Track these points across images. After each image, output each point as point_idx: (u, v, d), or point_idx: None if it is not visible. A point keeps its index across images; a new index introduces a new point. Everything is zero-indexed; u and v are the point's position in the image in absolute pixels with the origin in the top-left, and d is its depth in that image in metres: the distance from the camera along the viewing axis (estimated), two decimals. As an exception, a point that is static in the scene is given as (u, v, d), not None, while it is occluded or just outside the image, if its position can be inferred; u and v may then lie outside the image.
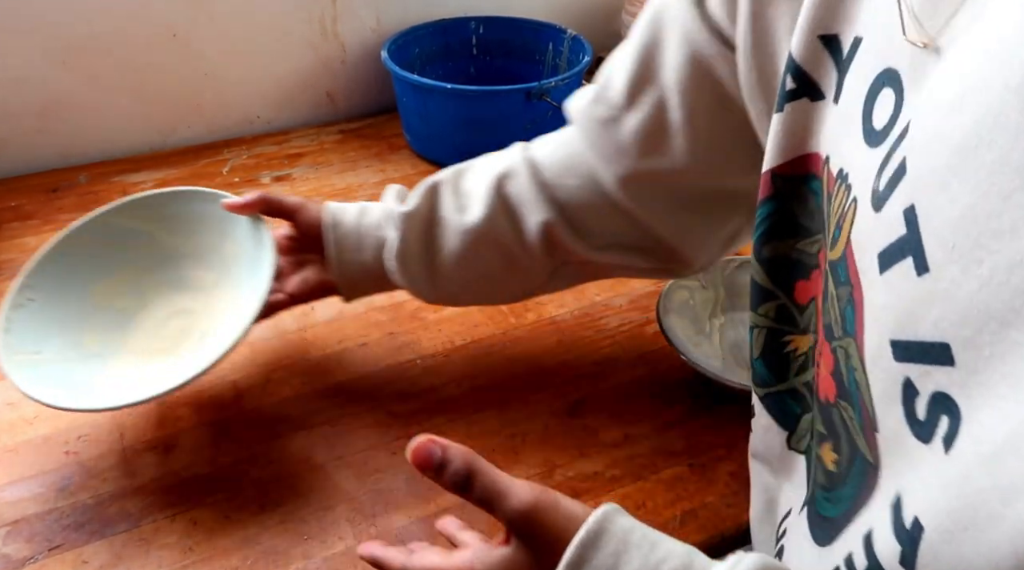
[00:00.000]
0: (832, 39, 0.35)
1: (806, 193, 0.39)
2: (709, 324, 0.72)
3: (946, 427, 0.26)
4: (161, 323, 0.66)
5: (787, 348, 0.43)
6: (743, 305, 0.73)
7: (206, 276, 0.67)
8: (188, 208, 0.66)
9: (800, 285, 0.41)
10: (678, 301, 0.71)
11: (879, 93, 0.32)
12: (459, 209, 0.59)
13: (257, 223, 0.63)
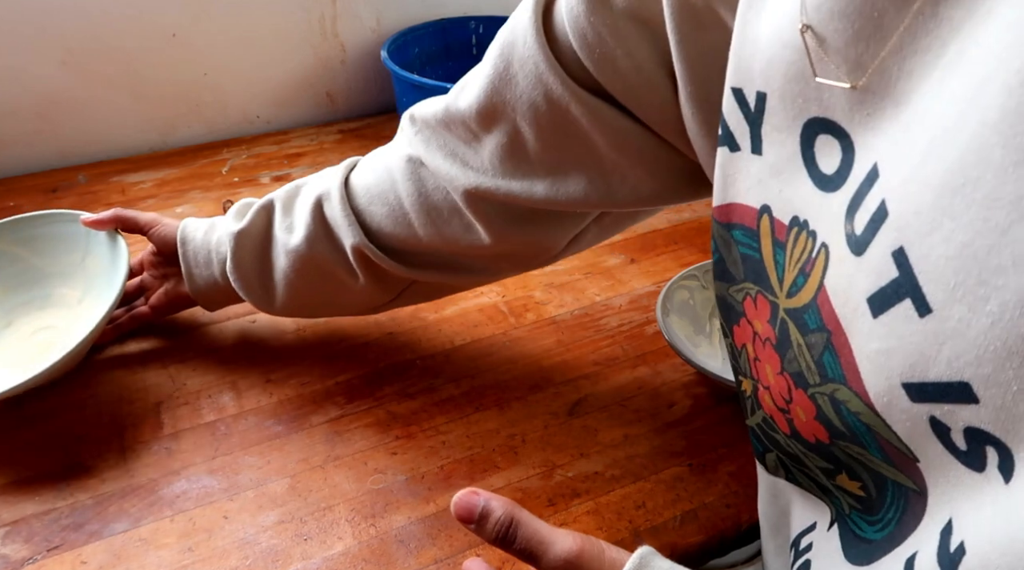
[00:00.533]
0: (739, 93, 0.35)
1: (730, 241, 0.39)
2: (709, 324, 0.72)
3: (997, 458, 0.25)
4: (25, 338, 0.69)
5: (741, 387, 0.43)
6: None
7: (71, 293, 0.72)
8: (53, 229, 0.72)
9: (735, 330, 0.41)
10: (678, 301, 0.71)
11: (815, 140, 0.32)
12: (287, 229, 0.61)
13: (114, 238, 0.69)
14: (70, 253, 0.72)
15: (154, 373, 0.69)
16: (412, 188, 0.56)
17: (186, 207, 0.91)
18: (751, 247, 0.37)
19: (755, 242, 0.37)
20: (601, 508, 0.58)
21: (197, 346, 0.72)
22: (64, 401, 0.65)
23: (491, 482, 0.59)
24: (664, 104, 0.44)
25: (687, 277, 0.73)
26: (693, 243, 0.88)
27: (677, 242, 0.88)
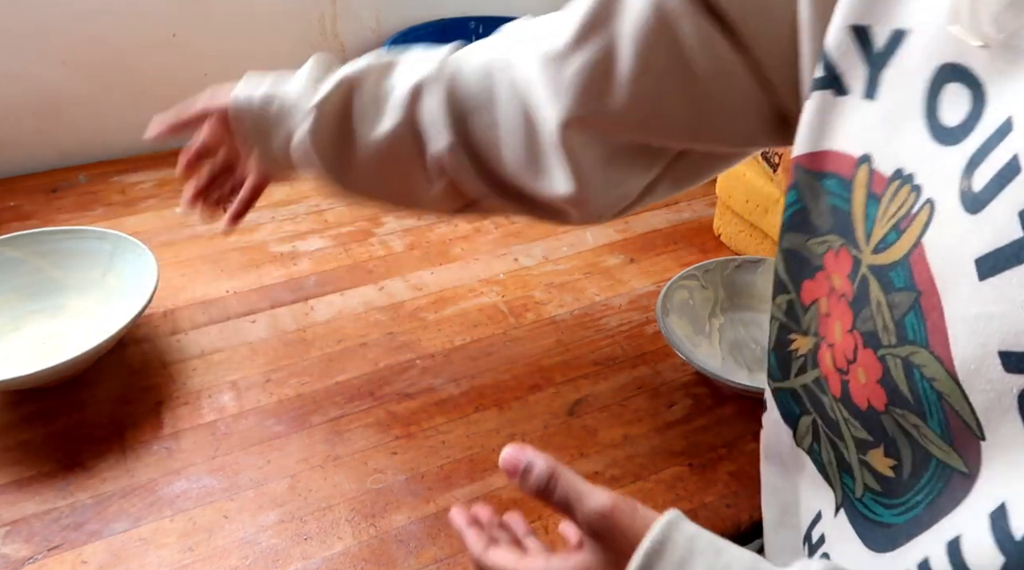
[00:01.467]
0: (864, 31, 0.33)
1: (820, 191, 0.37)
2: (708, 324, 0.72)
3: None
4: (32, 343, 0.70)
5: (790, 346, 0.42)
6: (742, 305, 0.74)
7: (86, 306, 0.73)
8: (77, 244, 0.73)
9: (806, 284, 0.40)
10: (678, 301, 0.71)
11: (942, 88, 0.30)
12: (375, 117, 0.54)
13: (142, 257, 0.71)
14: (91, 269, 0.73)
15: (154, 373, 0.69)
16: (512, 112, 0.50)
17: (186, 207, 0.91)
18: (842, 197, 0.36)
19: (847, 193, 0.35)
20: (601, 508, 0.58)
21: (197, 346, 0.72)
22: (64, 401, 0.66)
23: (491, 482, 0.60)
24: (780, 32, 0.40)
25: (687, 277, 0.72)
26: (693, 243, 0.88)
27: (677, 242, 0.88)
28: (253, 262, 0.83)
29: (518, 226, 0.90)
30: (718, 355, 0.70)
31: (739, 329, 0.72)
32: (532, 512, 0.57)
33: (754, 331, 0.72)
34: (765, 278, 0.72)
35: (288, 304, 0.77)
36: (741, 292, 0.73)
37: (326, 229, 0.89)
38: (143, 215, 0.90)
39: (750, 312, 0.73)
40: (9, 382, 0.59)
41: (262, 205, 0.92)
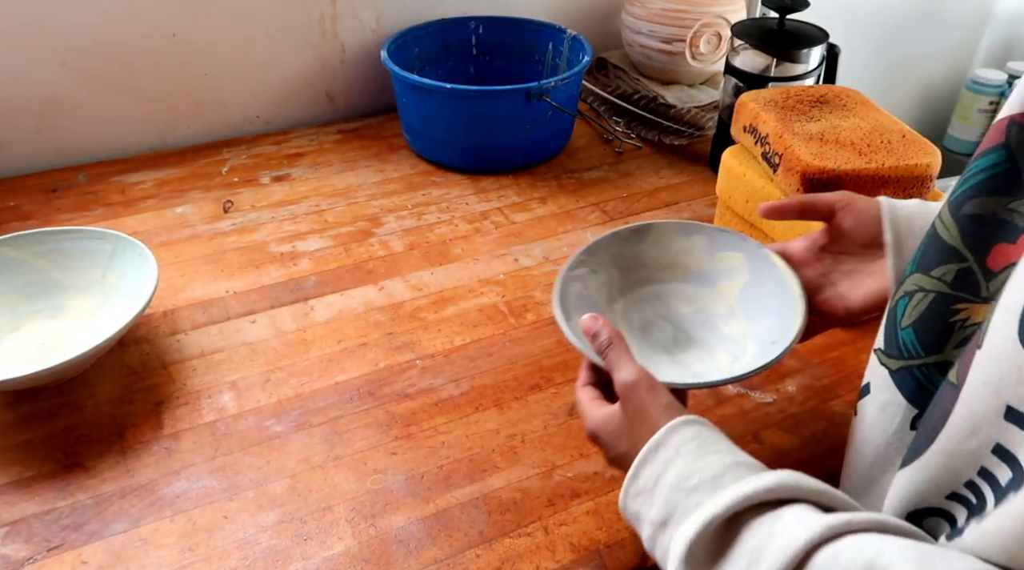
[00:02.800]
0: None
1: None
2: (611, 312, 0.61)
3: None
4: (31, 343, 0.69)
5: (955, 316, 0.40)
6: (638, 280, 0.62)
7: (86, 306, 0.72)
8: (77, 245, 0.73)
9: (999, 249, 0.38)
10: (574, 297, 0.58)
11: None
12: None
13: (141, 256, 0.70)
14: (91, 268, 0.73)
15: (154, 373, 0.69)
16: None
17: (186, 207, 0.91)
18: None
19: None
20: (601, 508, 0.58)
21: (197, 346, 0.72)
22: (64, 401, 0.66)
23: (491, 482, 0.60)
24: None
25: (575, 266, 0.59)
26: (693, 243, 0.88)
27: (677, 242, 0.88)
28: (253, 262, 0.83)
29: (518, 226, 0.90)
30: (635, 346, 0.57)
31: (643, 308, 0.62)
32: (531, 513, 0.57)
33: (658, 307, 0.62)
34: (655, 245, 0.62)
35: (288, 304, 0.77)
36: (634, 266, 0.63)
37: (326, 229, 0.89)
38: (143, 215, 0.90)
39: (648, 286, 0.62)
40: (9, 382, 0.59)
41: (262, 205, 0.92)
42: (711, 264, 0.62)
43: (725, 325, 0.59)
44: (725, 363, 0.56)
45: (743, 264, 0.60)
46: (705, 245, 0.62)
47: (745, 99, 0.82)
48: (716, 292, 0.61)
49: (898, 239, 0.51)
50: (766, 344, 0.55)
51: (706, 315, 0.60)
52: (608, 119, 1.10)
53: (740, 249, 0.60)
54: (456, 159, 1.00)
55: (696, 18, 1.07)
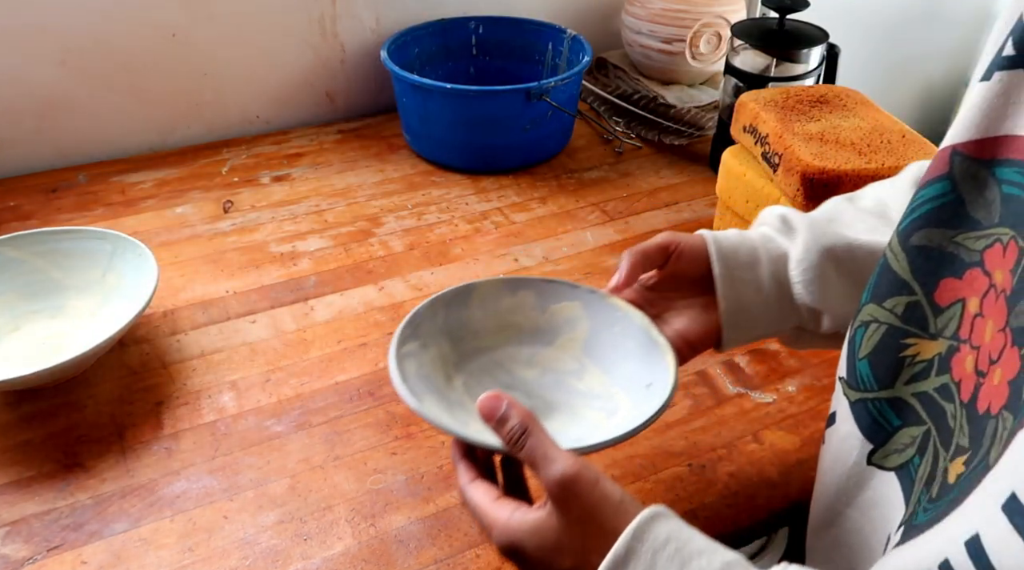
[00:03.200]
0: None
1: (987, 180, 0.34)
2: (452, 390, 0.52)
3: None
4: (31, 343, 0.69)
5: (905, 352, 0.39)
6: (470, 350, 0.55)
7: (86, 306, 0.72)
8: (77, 244, 0.72)
9: (946, 283, 0.37)
10: (413, 376, 0.49)
11: None
12: (879, 215, 0.50)
13: (141, 256, 0.70)
14: (91, 268, 0.73)
15: (154, 373, 0.69)
16: None
17: (186, 207, 0.91)
18: (1021, 186, 0.33)
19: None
20: (601, 508, 0.58)
21: (197, 346, 0.72)
22: (64, 401, 0.66)
23: (491, 482, 0.59)
24: None
25: (403, 343, 0.50)
26: (693, 243, 0.88)
27: (677, 242, 0.88)
28: (253, 262, 0.83)
29: (518, 226, 0.90)
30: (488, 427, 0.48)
31: (485, 381, 0.54)
32: (532, 512, 0.57)
33: (500, 376, 0.54)
34: (481, 308, 0.56)
35: (288, 304, 0.77)
36: (462, 334, 0.55)
37: (326, 229, 0.89)
38: (143, 215, 0.90)
39: (482, 355, 0.55)
40: (9, 382, 0.59)
41: (262, 205, 0.92)
42: (545, 319, 0.56)
43: (579, 381, 0.53)
44: (601, 420, 0.50)
45: (581, 312, 0.55)
46: (534, 300, 0.56)
47: (745, 99, 0.82)
48: (558, 348, 0.56)
49: (727, 271, 0.50)
50: (640, 389, 0.50)
51: (555, 375, 0.54)
52: (608, 119, 1.10)
53: (574, 298, 0.55)
54: (456, 159, 1.00)
55: (696, 18, 1.07)
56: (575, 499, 0.36)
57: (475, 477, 0.43)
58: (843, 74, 0.98)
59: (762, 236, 0.51)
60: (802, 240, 0.49)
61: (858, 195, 0.53)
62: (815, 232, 0.49)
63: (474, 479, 0.42)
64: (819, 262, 0.48)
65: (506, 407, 0.40)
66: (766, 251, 0.50)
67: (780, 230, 0.51)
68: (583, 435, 0.47)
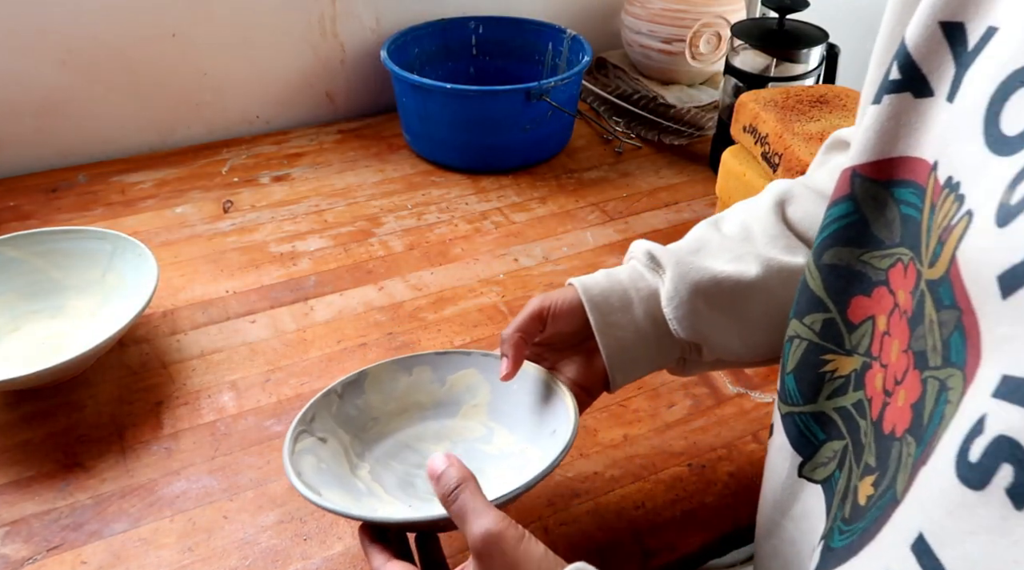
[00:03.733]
0: (956, 27, 0.31)
1: (887, 200, 0.35)
2: (359, 480, 0.52)
3: (1010, 478, 0.23)
4: (31, 343, 0.69)
5: (824, 367, 0.40)
6: (377, 435, 0.55)
7: (86, 306, 0.72)
8: (77, 245, 0.73)
9: (857, 301, 0.38)
10: (312, 472, 0.49)
11: (1012, 94, 0.28)
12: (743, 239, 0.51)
13: (141, 256, 0.70)
14: (91, 268, 0.73)
15: (154, 373, 0.69)
16: None
17: (186, 207, 0.91)
18: (916, 207, 0.33)
19: (921, 202, 0.33)
20: (601, 508, 0.58)
21: (197, 346, 0.72)
22: (64, 401, 0.66)
23: (491, 482, 0.60)
24: None
25: (296, 440, 0.50)
26: (693, 243, 0.88)
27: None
28: (253, 262, 0.83)
29: (518, 226, 0.90)
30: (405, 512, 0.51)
31: (392, 465, 0.54)
32: (532, 512, 0.57)
33: (409, 457, 0.54)
34: (377, 393, 0.56)
35: (288, 304, 0.77)
36: (363, 423, 0.55)
37: (326, 229, 0.89)
38: (143, 215, 0.90)
39: (387, 439, 0.55)
40: (9, 382, 0.59)
41: (262, 205, 0.92)
42: (445, 391, 0.57)
43: (488, 446, 0.54)
44: (514, 478, 0.49)
45: (479, 378, 0.56)
46: (431, 375, 0.57)
47: (745, 99, 0.82)
48: (463, 417, 0.56)
49: (602, 319, 0.51)
50: (547, 438, 0.51)
51: (465, 445, 0.55)
52: (608, 119, 1.10)
53: (469, 365, 0.56)
54: (456, 159, 1.00)
55: (696, 18, 1.07)
56: (499, 556, 0.37)
57: (390, 557, 0.43)
58: (843, 74, 0.98)
59: (631, 276, 0.52)
60: (670, 278, 0.50)
61: (723, 218, 0.55)
62: (681, 269, 0.50)
63: (390, 560, 0.43)
64: (689, 298, 0.49)
65: (447, 464, 0.41)
66: (636, 291, 0.51)
67: (648, 266, 0.52)
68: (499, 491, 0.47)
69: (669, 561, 0.55)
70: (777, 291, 0.49)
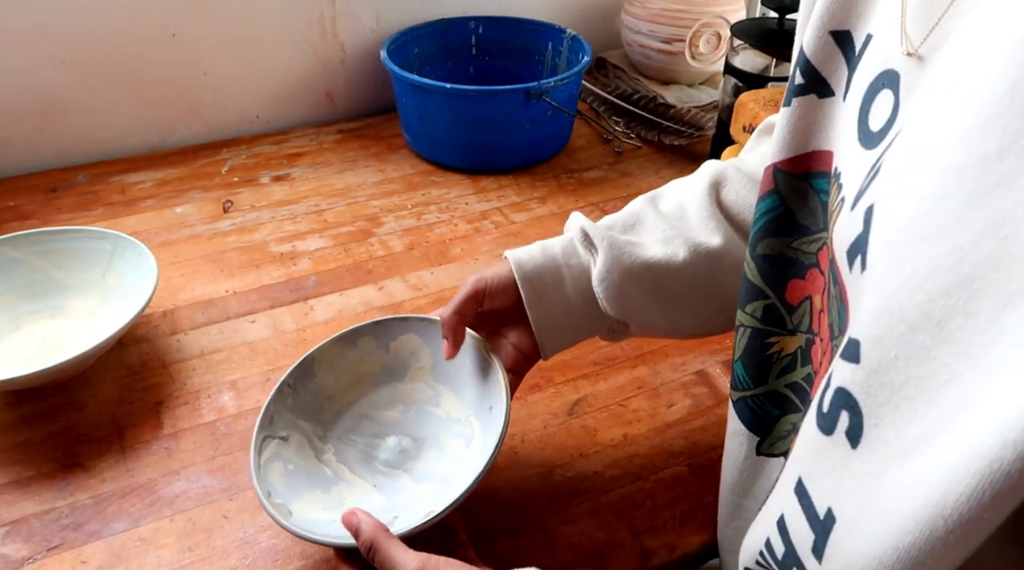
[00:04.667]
0: (844, 35, 0.35)
1: (807, 191, 0.39)
2: (326, 464, 0.54)
3: (847, 422, 0.27)
4: (31, 343, 0.69)
5: (770, 350, 0.42)
6: (335, 413, 0.57)
7: (85, 306, 0.72)
8: (77, 244, 0.73)
9: (793, 284, 0.41)
10: (281, 482, 0.51)
11: (878, 94, 0.32)
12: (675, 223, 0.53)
13: (141, 255, 0.70)
14: (91, 269, 0.73)
15: (154, 373, 0.69)
16: None
17: (186, 207, 0.91)
18: (828, 194, 0.37)
19: (829, 189, 0.37)
20: (600, 508, 0.58)
21: (197, 346, 0.72)
22: (64, 401, 0.66)
23: (490, 482, 0.60)
24: None
25: (260, 451, 0.51)
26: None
27: (676, 242, 0.88)
28: (253, 262, 0.83)
29: (517, 226, 0.90)
30: (368, 484, 0.54)
31: (354, 440, 0.56)
32: (531, 513, 0.57)
33: (367, 427, 0.57)
34: (328, 373, 0.57)
35: (288, 304, 0.77)
36: (319, 406, 0.57)
37: (326, 229, 0.89)
38: (143, 215, 0.90)
39: (345, 414, 0.57)
40: (9, 382, 0.59)
41: (262, 205, 0.92)
42: (391, 357, 0.58)
43: (438, 408, 0.57)
44: (461, 449, 0.54)
45: (419, 342, 0.58)
46: (374, 343, 0.58)
47: (745, 99, 0.82)
48: (411, 379, 0.58)
49: (535, 295, 0.53)
50: (485, 413, 0.54)
51: (416, 407, 0.58)
52: (608, 119, 1.10)
53: (408, 330, 0.58)
54: (456, 159, 1.00)
55: (696, 18, 1.07)
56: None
57: None
58: (843, 74, 0.98)
59: (564, 250, 0.54)
60: (602, 259, 0.52)
61: (660, 195, 0.57)
62: (615, 252, 0.51)
63: None
64: (620, 281, 0.51)
65: (359, 522, 0.45)
66: (568, 268, 0.53)
67: (582, 242, 0.54)
68: (449, 474, 0.52)
69: (669, 561, 0.55)
70: (701, 275, 0.52)
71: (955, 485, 0.22)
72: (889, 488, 0.25)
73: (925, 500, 0.23)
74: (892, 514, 0.24)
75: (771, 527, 0.33)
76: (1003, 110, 0.23)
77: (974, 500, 0.21)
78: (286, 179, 0.98)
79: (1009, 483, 0.21)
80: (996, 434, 0.21)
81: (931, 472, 0.23)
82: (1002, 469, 0.21)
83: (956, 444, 0.22)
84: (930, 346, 0.24)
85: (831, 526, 0.28)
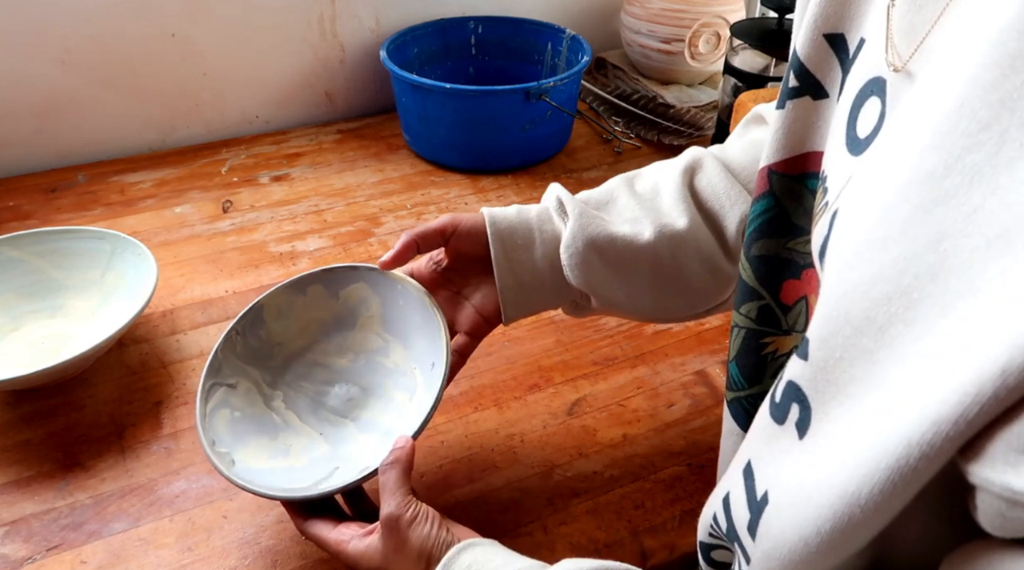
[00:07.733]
0: (838, 38, 0.35)
1: (802, 192, 0.39)
2: (275, 411, 0.55)
3: (798, 414, 0.29)
4: (31, 343, 0.69)
5: (765, 350, 0.43)
6: (285, 359, 0.57)
7: (85, 306, 0.72)
8: (77, 244, 0.73)
9: (789, 285, 0.41)
10: (227, 429, 0.51)
11: (867, 100, 0.32)
12: (647, 203, 0.54)
13: (141, 257, 0.69)
14: (91, 268, 0.73)
15: (154, 373, 0.69)
16: None
17: (185, 207, 0.91)
18: None
19: None
20: (600, 508, 0.58)
21: (196, 346, 0.72)
22: (64, 401, 0.66)
23: (490, 482, 0.60)
24: None
25: (206, 400, 0.52)
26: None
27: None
28: (252, 262, 0.83)
29: (517, 226, 0.90)
30: (316, 432, 0.55)
31: (303, 387, 0.57)
32: (531, 513, 0.57)
33: (318, 374, 0.57)
34: (277, 320, 0.57)
35: (287, 304, 0.77)
36: (268, 353, 0.57)
37: (325, 229, 0.89)
38: (142, 215, 0.90)
39: (295, 362, 0.58)
40: (9, 382, 0.59)
41: (261, 205, 0.92)
42: (340, 305, 0.58)
43: (387, 359, 0.57)
44: (405, 402, 0.54)
45: (369, 291, 0.58)
46: (324, 291, 0.58)
47: (744, 99, 0.82)
48: (361, 328, 0.58)
49: (504, 253, 0.53)
50: (427, 368, 0.54)
51: (366, 356, 0.58)
52: (607, 119, 1.11)
53: (358, 279, 0.58)
54: (455, 159, 1.00)
55: (695, 18, 1.07)
56: (396, 532, 0.45)
57: (307, 517, 0.49)
58: (842, 74, 0.98)
59: (539, 216, 0.54)
60: (570, 227, 0.52)
61: (639, 175, 0.57)
62: (584, 221, 0.52)
63: (307, 519, 0.49)
64: (583, 250, 0.51)
65: (402, 443, 0.48)
66: (540, 233, 0.53)
67: (557, 210, 0.54)
68: (393, 423, 0.54)
69: (668, 561, 0.55)
70: (664, 255, 0.52)
71: (867, 479, 0.24)
72: (816, 478, 0.27)
73: (842, 491, 0.25)
74: (813, 502, 0.27)
75: (718, 504, 0.36)
76: (950, 129, 0.24)
77: (886, 491, 0.24)
78: (285, 179, 0.98)
79: (915, 475, 0.23)
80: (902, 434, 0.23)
81: (851, 466, 0.25)
82: (909, 464, 0.23)
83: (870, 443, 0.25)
84: (873, 349, 0.25)
85: (763, 508, 0.30)
